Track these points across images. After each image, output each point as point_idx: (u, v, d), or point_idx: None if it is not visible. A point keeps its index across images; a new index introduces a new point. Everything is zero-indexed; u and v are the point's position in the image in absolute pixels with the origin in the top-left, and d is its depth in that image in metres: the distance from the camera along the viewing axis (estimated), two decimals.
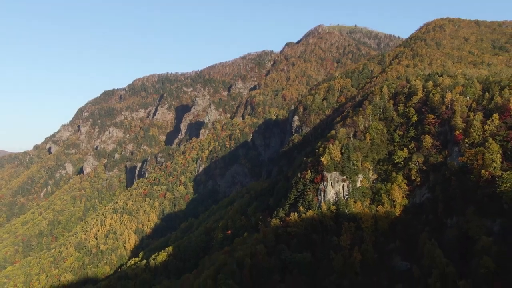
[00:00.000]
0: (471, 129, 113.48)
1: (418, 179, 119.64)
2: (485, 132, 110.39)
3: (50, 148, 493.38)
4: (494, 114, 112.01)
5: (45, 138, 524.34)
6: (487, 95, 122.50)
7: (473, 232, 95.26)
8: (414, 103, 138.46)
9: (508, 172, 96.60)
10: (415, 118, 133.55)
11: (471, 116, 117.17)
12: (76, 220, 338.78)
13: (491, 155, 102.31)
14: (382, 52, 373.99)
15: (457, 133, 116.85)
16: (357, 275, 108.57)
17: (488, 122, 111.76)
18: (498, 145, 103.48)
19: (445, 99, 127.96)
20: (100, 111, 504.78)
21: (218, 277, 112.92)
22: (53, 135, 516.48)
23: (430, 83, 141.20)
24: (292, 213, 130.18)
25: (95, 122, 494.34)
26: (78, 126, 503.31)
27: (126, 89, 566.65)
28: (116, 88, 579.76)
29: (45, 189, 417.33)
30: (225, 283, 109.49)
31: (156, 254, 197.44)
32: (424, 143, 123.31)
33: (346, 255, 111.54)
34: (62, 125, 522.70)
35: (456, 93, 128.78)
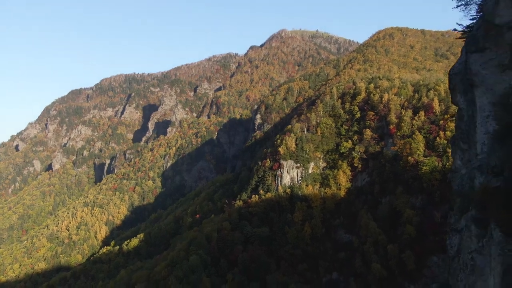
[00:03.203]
0: (402, 124, 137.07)
1: (360, 166, 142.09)
2: (413, 126, 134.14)
3: (17, 145, 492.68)
4: (421, 111, 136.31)
5: (11, 136, 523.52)
6: (416, 96, 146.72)
7: (400, 207, 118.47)
8: (358, 102, 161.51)
9: (428, 158, 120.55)
10: (358, 115, 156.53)
11: (403, 113, 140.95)
12: (46, 214, 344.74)
13: (416, 144, 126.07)
14: (342, 56, 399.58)
15: (391, 127, 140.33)
16: (307, 246, 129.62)
17: (416, 118, 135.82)
18: (422, 136, 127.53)
19: (383, 99, 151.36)
20: (68, 110, 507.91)
21: (190, 249, 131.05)
22: (21, 133, 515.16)
23: (372, 85, 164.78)
24: (253, 196, 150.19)
25: (63, 120, 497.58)
26: (46, 124, 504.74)
27: (94, 89, 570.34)
28: (83, 87, 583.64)
29: (13, 185, 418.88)
30: (196, 253, 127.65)
31: (128, 240, 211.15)
32: (365, 135, 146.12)
33: (298, 229, 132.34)
34: (29, 123, 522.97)
35: (392, 94, 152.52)
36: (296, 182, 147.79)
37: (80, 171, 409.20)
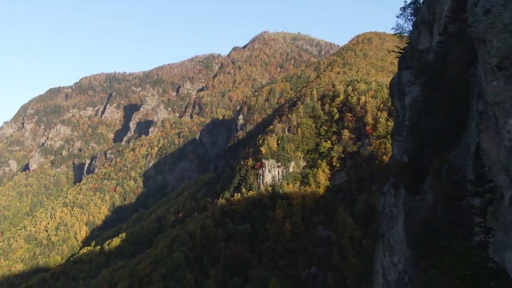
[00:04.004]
0: (378, 125, 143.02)
1: (338, 165, 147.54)
2: (388, 127, 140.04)
3: None
4: (395, 113, 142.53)
5: None
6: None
7: (375, 204, 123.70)
8: (337, 104, 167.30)
9: None
10: (337, 116, 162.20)
11: (379, 114, 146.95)
12: (23, 215, 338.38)
13: (391, 144, 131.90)
14: (323, 58, 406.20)
15: (367, 128, 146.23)
16: (288, 242, 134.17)
17: (391, 119, 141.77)
18: None
19: (360, 101, 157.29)
20: (46, 109, 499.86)
21: (173, 246, 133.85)
22: None
23: (350, 88, 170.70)
24: (236, 194, 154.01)
25: (41, 119, 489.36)
26: (23, 123, 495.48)
27: (73, 87, 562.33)
28: (62, 86, 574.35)
29: None
30: (179, 250, 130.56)
31: (110, 240, 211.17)
32: (343, 136, 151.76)
33: (279, 226, 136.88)
34: (5, 122, 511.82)
35: (369, 97, 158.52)
36: (278, 181, 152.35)
37: (58, 171, 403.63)
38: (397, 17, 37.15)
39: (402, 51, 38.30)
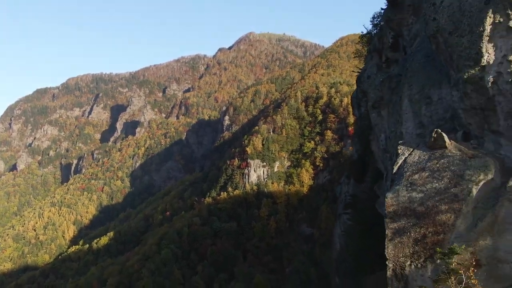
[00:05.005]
0: None
1: (321, 164, 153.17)
2: None
3: None
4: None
5: None
6: None
7: None
8: (320, 105, 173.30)
9: None
10: (320, 117, 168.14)
11: None
12: (10, 215, 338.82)
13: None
14: (307, 60, 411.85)
15: (350, 129, 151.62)
16: (272, 239, 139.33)
17: None
18: None
19: (343, 103, 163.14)
20: (33, 109, 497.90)
21: (161, 243, 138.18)
22: None
23: (333, 89, 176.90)
24: (222, 193, 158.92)
25: (28, 120, 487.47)
26: (10, 124, 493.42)
27: (60, 88, 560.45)
28: (49, 87, 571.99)
29: None
30: (167, 247, 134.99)
31: (98, 239, 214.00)
32: (326, 136, 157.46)
33: (264, 223, 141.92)
34: None
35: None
36: (263, 180, 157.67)
37: (46, 171, 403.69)
38: (356, 43, 43.30)
39: (360, 70, 44.00)
